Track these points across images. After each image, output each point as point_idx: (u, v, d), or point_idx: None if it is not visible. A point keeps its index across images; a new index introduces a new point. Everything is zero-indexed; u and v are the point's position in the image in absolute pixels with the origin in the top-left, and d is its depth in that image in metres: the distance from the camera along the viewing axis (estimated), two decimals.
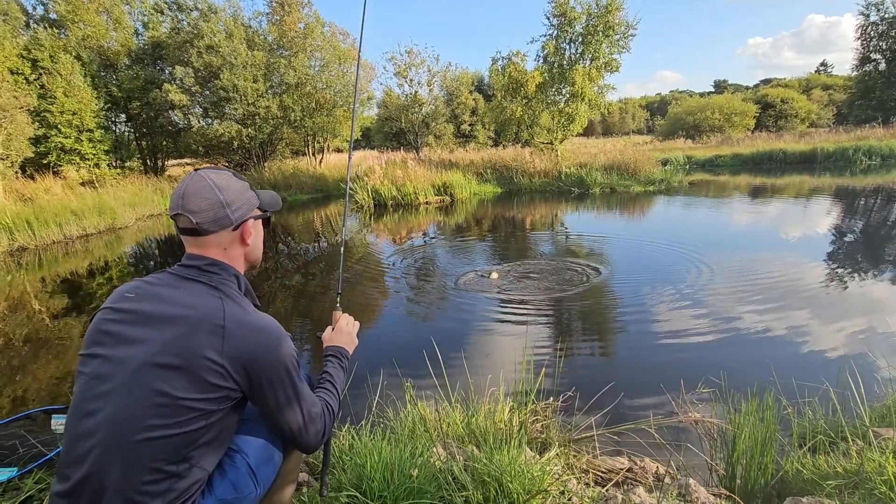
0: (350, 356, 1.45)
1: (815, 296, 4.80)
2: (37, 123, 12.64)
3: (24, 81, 14.10)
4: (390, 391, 2.45)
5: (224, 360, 0.98)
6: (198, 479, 1.00)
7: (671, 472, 1.79)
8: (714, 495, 1.57)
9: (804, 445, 1.98)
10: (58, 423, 2.13)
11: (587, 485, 1.66)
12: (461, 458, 1.69)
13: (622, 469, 1.76)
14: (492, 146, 26.03)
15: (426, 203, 13.85)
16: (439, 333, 4.28)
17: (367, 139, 34.99)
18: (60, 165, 15.20)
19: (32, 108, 12.25)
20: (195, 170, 1.15)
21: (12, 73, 13.76)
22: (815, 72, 53.76)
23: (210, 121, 18.29)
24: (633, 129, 60.65)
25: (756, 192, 13.43)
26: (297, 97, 17.98)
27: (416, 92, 23.16)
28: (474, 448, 1.81)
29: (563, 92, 16.66)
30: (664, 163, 18.28)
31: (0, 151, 10.63)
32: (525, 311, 4.73)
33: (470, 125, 29.06)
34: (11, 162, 11.27)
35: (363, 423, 2.22)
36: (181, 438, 0.95)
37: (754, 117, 33.33)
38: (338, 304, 1.59)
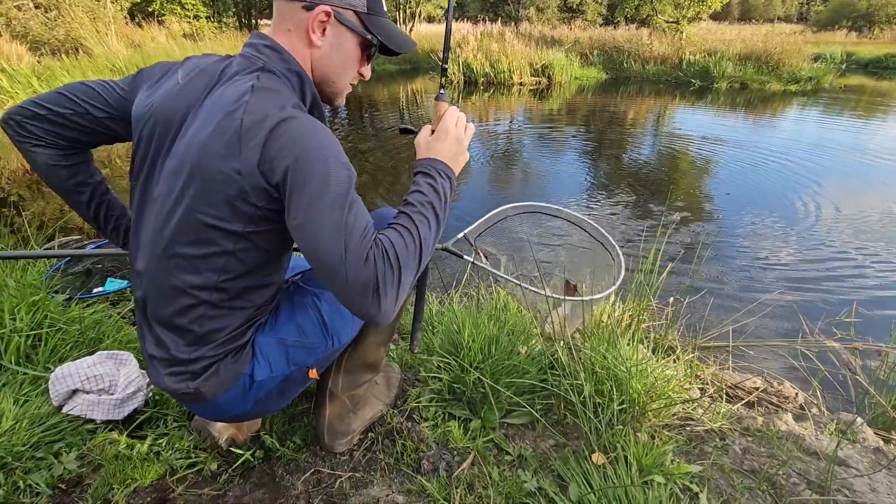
0: (455, 176, 0.91)
1: None
2: None
3: None
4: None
5: (241, 165, 0.73)
6: (242, 312, 0.89)
7: (817, 401, 1.49)
8: (885, 440, 1.27)
9: None
10: None
11: (711, 398, 1.41)
12: (563, 345, 1.49)
13: (755, 388, 1.49)
14: (602, 25, 22.68)
15: (520, 84, 12.64)
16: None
17: (461, 8, 31.91)
18: (164, 14, 15.54)
19: None
20: None
21: None
22: None
23: None
24: (779, 15, 49.86)
25: None
26: None
27: None
28: (579, 337, 1.60)
29: None
30: (815, 58, 14.92)
31: None
32: (647, 210, 4.24)
33: None
34: (121, 6, 11.55)
35: (451, 292, 2.09)
36: (206, 261, 0.81)
37: None
38: (442, 90, 0.97)
